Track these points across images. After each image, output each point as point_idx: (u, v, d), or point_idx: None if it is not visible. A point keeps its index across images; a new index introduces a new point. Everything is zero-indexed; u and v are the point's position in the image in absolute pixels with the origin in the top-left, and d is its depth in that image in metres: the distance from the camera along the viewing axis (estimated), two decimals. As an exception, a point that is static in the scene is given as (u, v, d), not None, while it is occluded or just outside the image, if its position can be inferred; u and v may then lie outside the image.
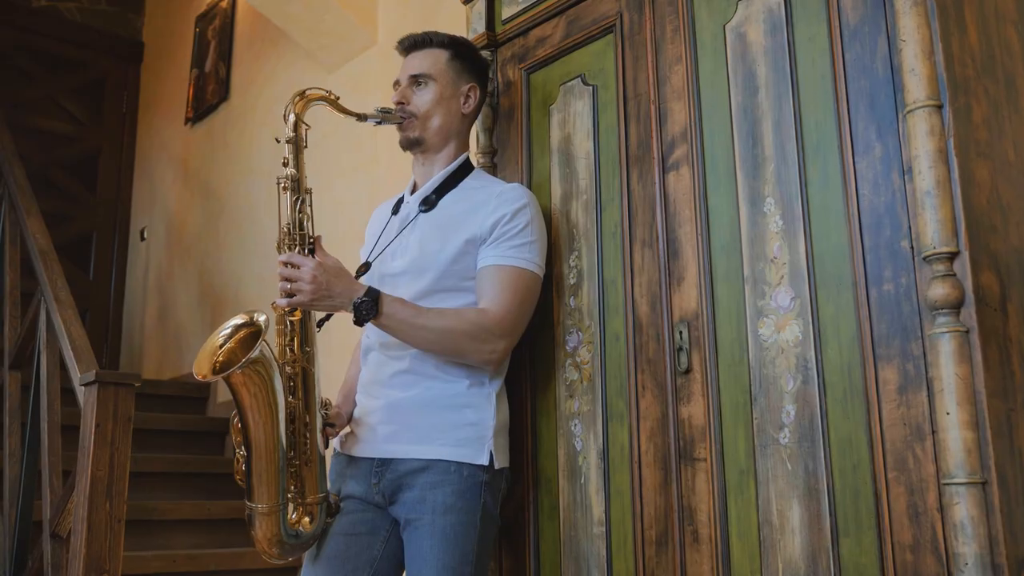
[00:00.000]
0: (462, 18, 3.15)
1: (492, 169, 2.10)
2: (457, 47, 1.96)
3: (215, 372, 1.67)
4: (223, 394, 4.42)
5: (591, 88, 1.92)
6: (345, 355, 2.11)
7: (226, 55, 4.89)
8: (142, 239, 5.55)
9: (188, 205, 5.10)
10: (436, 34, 1.96)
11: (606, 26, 1.91)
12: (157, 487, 3.75)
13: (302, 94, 1.83)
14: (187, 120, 5.18)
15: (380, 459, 1.80)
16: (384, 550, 1.79)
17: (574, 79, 1.97)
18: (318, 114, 1.90)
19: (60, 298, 2.86)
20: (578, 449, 1.81)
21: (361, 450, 1.83)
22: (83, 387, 2.44)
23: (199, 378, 1.65)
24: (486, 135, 2.13)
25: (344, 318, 2.21)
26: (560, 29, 2.01)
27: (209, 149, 4.94)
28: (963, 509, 1.24)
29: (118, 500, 2.32)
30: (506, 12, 2.15)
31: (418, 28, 3.42)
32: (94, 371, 2.37)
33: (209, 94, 4.98)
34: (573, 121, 1.95)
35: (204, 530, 3.63)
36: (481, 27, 2.17)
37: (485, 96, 2.03)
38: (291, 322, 1.76)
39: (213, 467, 4.00)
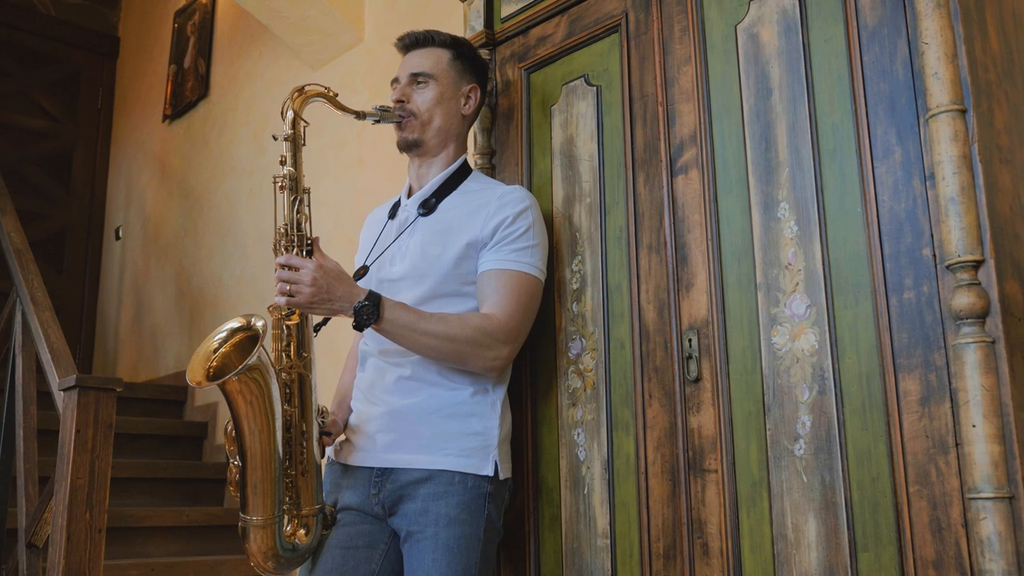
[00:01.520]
0: (450, 15, 3.11)
1: (490, 171, 2.05)
2: (459, 47, 1.91)
3: (209, 378, 1.60)
4: (201, 397, 4.33)
5: (595, 88, 1.88)
6: (339, 361, 2.05)
7: (206, 51, 4.79)
8: (117, 238, 5.44)
9: (166, 204, 5.00)
10: (438, 33, 1.91)
11: (610, 26, 1.86)
12: (133, 493, 3.66)
13: (301, 90, 1.77)
14: (165, 117, 5.07)
15: (380, 468, 1.74)
16: (383, 564, 1.73)
17: (577, 79, 1.92)
18: (307, 116, 1.83)
19: (37, 299, 2.77)
20: (581, 459, 1.77)
21: (359, 459, 1.77)
22: (62, 392, 2.36)
23: (193, 384, 1.58)
24: (484, 135, 2.08)
25: (339, 324, 2.14)
26: (562, 28, 1.97)
27: (188, 147, 4.84)
28: (990, 524, 1.21)
29: (99, 509, 2.24)
30: (505, 10, 2.10)
31: (406, 26, 3.37)
32: (75, 376, 2.29)
33: (188, 91, 4.88)
34: (576, 122, 1.91)
35: (182, 537, 3.54)
36: (479, 25, 2.12)
37: (485, 98, 1.98)
38: (288, 326, 1.69)
39: (191, 472, 3.91)
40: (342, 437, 1.85)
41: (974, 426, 1.23)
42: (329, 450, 1.86)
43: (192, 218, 4.68)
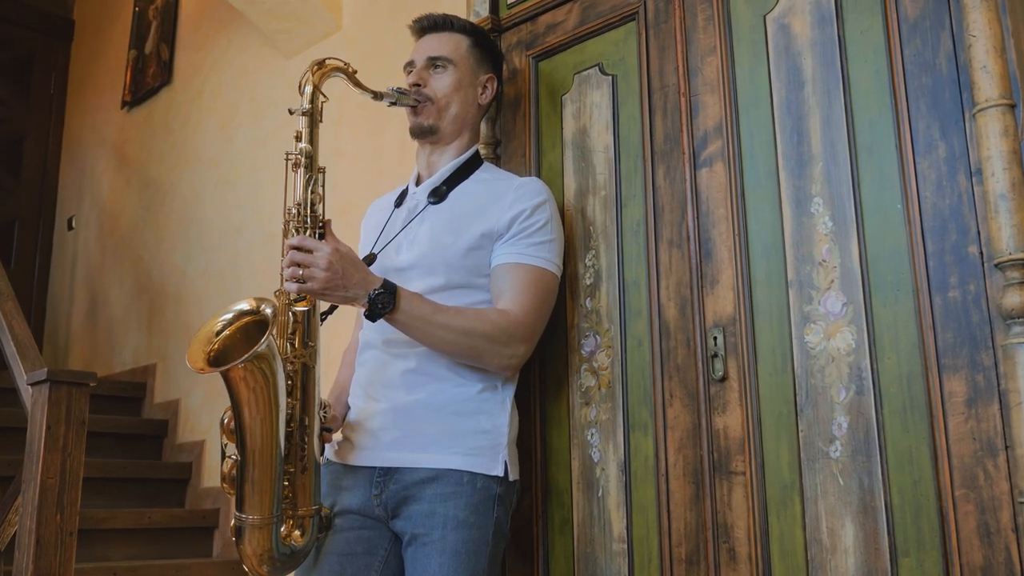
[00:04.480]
0: (434, 4, 3.02)
1: (496, 161, 1.98)
2: (478, 35, 1.85)
3: (211, 363, 1.49)
4: (160, 394, 4.17)
5: (610, 78, 1.82)
6: (336, 355, 1.96)
7: (169, 37, 4.62)
8: (70, 228, 5.23)
9: (123, 194, 4.81)
10: (456, 18, 1.84)
11: (627, 13, 1.81)
12: (90, 494, 3.48)
13: (321, 63, 1.68)
14: (124, 104, 4.89)
15: (383, 468, 1.65)
16: (383, 571, 1.64)
17: (590, 68, 1.86)
18: (280, 106, 1.74)
19: (0, 289, 2.62)
20: (595, 460, 1.70)
21: (360, 458, 1.68)
22: (31, 387, 2.22)
23: (194, 370, 1.46)
24: (488, 124, 2.01)
25: (336, 317, 2.04)
26: (574, 15, 1.91)
27: (149, 136, 4.67)
28: (1044, 530, 1.18)
29: (70, 511, 2.12)
30: (512, -4, 2.04)
31: (388, 13, 3.29)
32: (45, 369, 2.16)
33: (149, 77, 4.71)
34: (589, 112, 1.85)
35: (143, 540, 3.39)
36: (485, 11, 2.05)
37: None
38: (294, 313, 1.60)
39: (151, 472, 3.75)
40: (339, 436, 1.76)
41: (1027, 428, 1.20)
42: (327, 449, 1.77)
43: (153, 209, 4.51)
